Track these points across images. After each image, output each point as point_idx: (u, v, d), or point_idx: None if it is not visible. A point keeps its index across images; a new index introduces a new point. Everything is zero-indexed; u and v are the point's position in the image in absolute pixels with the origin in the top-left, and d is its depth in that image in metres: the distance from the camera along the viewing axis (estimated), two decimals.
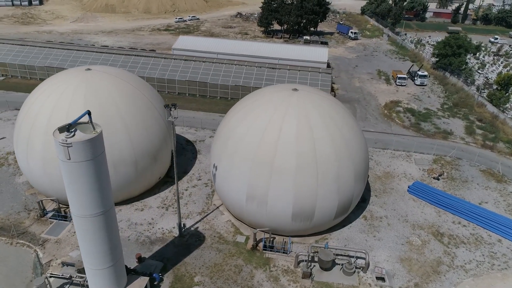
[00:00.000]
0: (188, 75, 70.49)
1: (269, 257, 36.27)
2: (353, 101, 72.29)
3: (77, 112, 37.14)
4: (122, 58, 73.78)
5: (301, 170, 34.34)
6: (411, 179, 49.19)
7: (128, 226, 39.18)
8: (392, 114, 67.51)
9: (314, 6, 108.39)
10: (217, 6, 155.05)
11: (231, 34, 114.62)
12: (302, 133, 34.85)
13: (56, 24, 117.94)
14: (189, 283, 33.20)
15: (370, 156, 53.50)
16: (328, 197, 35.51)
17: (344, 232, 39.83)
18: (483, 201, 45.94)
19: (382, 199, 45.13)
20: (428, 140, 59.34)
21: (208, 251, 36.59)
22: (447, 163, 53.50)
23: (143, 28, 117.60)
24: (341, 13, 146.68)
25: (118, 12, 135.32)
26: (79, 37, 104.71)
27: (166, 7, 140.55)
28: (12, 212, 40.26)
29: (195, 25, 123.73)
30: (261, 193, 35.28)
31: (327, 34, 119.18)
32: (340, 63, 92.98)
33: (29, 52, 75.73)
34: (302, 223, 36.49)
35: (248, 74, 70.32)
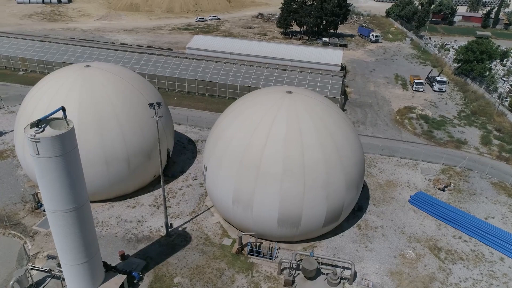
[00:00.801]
0: (198, 74, 70.65)
1: (253, 262, 35.53)
2: (365, 105, 70.31)
3: (72, 108, 37.83)
4: (135, 56, 74.85)
5: (288, 176, 33.42)
6: (414, 189, 47.16)
7: (117, 222, 39.41)
8: (404, 121, 65.16)
9: (334, 7, 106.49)
10: (240, 6, 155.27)
11: (249, 34, 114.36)
12: (291, 137, 33.93)
13: (81, 22, 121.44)
14: (168, 284, 32.95)
15: (374, 163, 51.87)
16: (315, 204, 34.40)
17: (334, 240, 38.54)
18: (490, 216, 43.41)
19: (380, 209, 43.44)
20: (439, 149, 56.81)
21: (192, 252, 36.25)
22: (456, 173, 50.98)
23: (163, 27, 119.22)
24: (365, 15, 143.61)
25: (142, 11, 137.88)
26: (100, 34, 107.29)
27: (188, 7, 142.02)
28: (9, 203, 41.36)
29: (215, 25, 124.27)
30: (247, 196, 34.61)
31: (348, 36, 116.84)
32: (357, 66, 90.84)
33: (48, 48, 78.11)
34: (289, 229, 35.53)
35: (258, 75, 69.70)
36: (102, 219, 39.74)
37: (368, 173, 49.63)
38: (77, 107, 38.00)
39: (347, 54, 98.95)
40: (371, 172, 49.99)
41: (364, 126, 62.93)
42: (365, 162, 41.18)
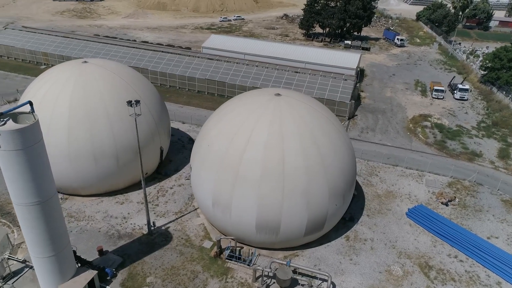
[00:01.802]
0: (209, 74, 70.62)
1: (230, 267, 34.74)
2: (378, 111, 67.74)
3: (63, 103, 38.57)
4: (149, 54, 75.83)
5: (266, 181, 32.41)
6: (414, 202, 44.72)
7: (103, 218, 39.76)
8: (416, 129, 62.15)
9: (358, 9, 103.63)
10: (266, 7, 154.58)
11: (271, 35, 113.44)
12: (272, 142, 32.89)
13: (108, 19, 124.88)
14: (140, 283, 32.78)
15: (376, 172, 49.74)
16: (295, 212, 33.16)
17: (319, 250, 37.05)
18: (493, 236, 40.41)
19: (374, 220, 41.44)
20: (450, 161, 53.70)
21: (170, 253, 35.94)
22: (463, 188, 47.93)
23: (186, 26, 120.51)
24: (394, 18, 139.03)
25: (169, 10, 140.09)
26: (124, 32, 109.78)
27: (214, 7, 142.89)
28: (5, 192, 42.57)
29: (238, 25, 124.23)
30: (225, 200, 33.90)
31: (372, 39, 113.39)
32: (376, 71, 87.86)
33: (68, 43, 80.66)
34: (268, 236, 34.48)
35: (268, 76, 68.77)
36: (89, 214, 40.24)
37: (367, 182, 47.62)
38: (68, 102, 38.70)
39: (368, 58, 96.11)
40: (371, 181, 47.90)
41: (373, 133, 60.55)
42: (356, 171, 39.38)
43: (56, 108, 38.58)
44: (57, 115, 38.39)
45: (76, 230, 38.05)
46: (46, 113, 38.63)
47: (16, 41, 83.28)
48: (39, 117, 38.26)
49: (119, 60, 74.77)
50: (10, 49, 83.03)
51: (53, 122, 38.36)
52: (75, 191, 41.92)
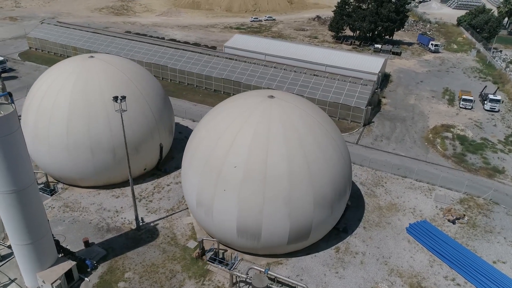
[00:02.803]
0: (225, 73, 70.53)
1: (210, 270, 34.21)
2: (397, 119, 64.70)
3: (64, 95, 39.69)
4: (171, 51, 76.92)
5: (247, 185, 31.56)
6: (418, 217, 42.10)
7: (96, 210, 40.53)
8: (435, 140, 58.67)
9: (390, 12, 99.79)
10: (300, 8, 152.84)
11: (300, 37, 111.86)
12: (256, 145, 31.99)
13: (143, 17, 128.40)
14: (117, 277, 33.01)
15: (383, 182, 47.45)
16: (276, 219, 32.08)
17: (304, 260, 35.66)
18: (500, 260, 37.17)
19: (370, 233, 39.39)
20: (466, 175, 50.17)
21: (153, 250, 35.97)
22: (476, 205, 44.56)
23: (216, 25, 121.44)
24: (432, 22, 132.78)
25: (202, 9, 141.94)
26: (155, 29, 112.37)
27: (247, 6, 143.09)
28: None
29: (268, 25, 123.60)
30: (208, 201, 33.42)
31: (405, 44, 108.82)
32: (403, 77, 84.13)
33: (96, 39, 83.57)
34: (250, 241, 33.60)
35: (284, 78, 67.61)
36: (84, 205, 41.17)
37: (370, 193, 45.46)
38: (69, 95, 39.75)
39: (397, 63, 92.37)
40: (375, 192, 45.67)
41: (388, 141, 57.83)
42: (349, 180, 37.48)
43: (57, 100, 39.78)
44: (58, 107, 39.56)
45: (68, 220, 39.00)
46: (48, 104, 40.17)
47: (50, 35, 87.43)
48: (42, 108, 39.84)
49: (141, 57, 76.64)
50: (44, 43, 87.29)
51: (54, 114, 39.62)
52: (75, 182, 43.05)
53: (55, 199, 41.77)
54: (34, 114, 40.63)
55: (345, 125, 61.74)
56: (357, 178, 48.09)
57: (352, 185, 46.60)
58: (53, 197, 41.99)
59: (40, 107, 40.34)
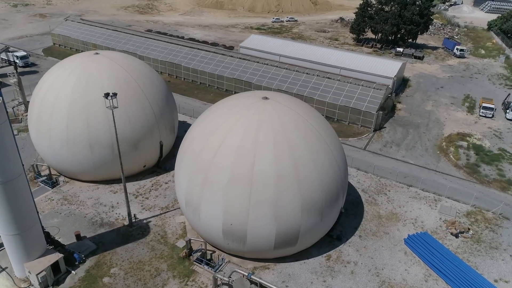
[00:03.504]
0: (237, 73, 70.33)
1: (195, 270, 33.96)
2: (410, 125, 62.48)
3: (65, 91, 40.52)
4: (185, 50, 77.50)
5: (233, 187, 31.11)
6: (419, 228, 40.34)
7: (92, 204, 41.14)
8: (449, 148, 56.21)
9: (414, 15, 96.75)
10: (325, 9, 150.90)
11: (320, 38, 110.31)
12: (244, 148, 31.47)
13: (166, 16, 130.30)
14: (103, 272, 33.30)
15: (386, 190, 45.85)
16: (262, 224, 31.45)
17: (292, 266, 34.81)
18: (503, 279, 35.01)
19: (365, 242, 38.05)
20: (478, 187, 47.75)
21: (141, 247, 36.11)
22: (484, 219, 42.27)
23: (237, 25, 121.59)
24: (461, 26, 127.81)
25: (226, 9, 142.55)
26: (176, 28, 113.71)
27: (270, 7, 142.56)
28: None
29: (289, 26, 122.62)
30: (195, 201, 33.21)
31: (430, 48, 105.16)
32: (423, 82, 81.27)
33: (115, 36, 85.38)
34: (236, 243, 33.13)
35: (295, 80, 66.66)
36: (82, 199, 41.90)
37: (371, 200, 43.99)
38: (71, 91, 40.55)
39: (418, 68, 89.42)
40: (376, 200, 44.16)
41: (397, 148, 55.88)
42: (344, 186, 36.25)
43: (60, 95, 40.68)
44: (60, 101, 40.45)
45: (64, 213, 39.78)
46: (50, 99, 41.17)
47: (72, 32, 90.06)
48: (45, 102, 40.78)
49: (156, 55, 77.66)
50: (67, 39, 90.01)
51: (55, 108, 40.54)
52: (75, 176, 43.91)
53: (55, 191, 42.73)
54: (37, 107, 41.77)
55: (355, 130, 60.19)
56: (359, 185, 46.68)
57: (353, 192, 45.40)
58: (53, 189, 42.98)
59: (43, 101, 41.42)
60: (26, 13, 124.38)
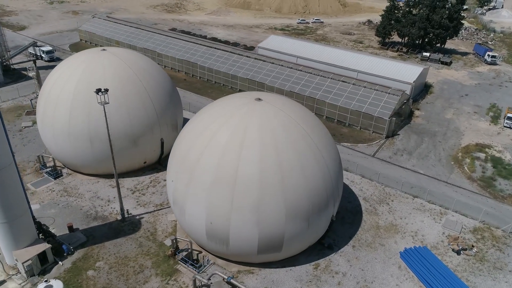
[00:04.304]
0: (251, 74, 69.91)
1: (178, 269, 33.81)
2: (427, 133, 59.78)
3: (69, 86, 41.55)
4: (202, 49, 77.92)
5: (216, 189, 30.69)
6: (418, 242, 38.36)
7: (90, 197, 41.94)
8: (464, 159, 53.27)
9: (443, 19, 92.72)
10: (354, 11, 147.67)
11: (344, 41, 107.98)
12: (230, 149, 30.97)
13: (193, 15, 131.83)
14: (88, 265, 33.77)
15: (389, 200, 44.06)
16: (244, 227, 30.84)
17: (277, 273, 33.95)
18: None
19: (358, 253, 36.57)
20: (490, 202, 44.93)
21: (129, 243, 36.38)
22: (492, 237, 39.64)
23: (262, 25, 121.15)
24: (497, 32, 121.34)
25: (253, 9, 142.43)
26: (200, 27, 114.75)
27: (297, 8, 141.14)
28: (26, 160, 47.68)
29: (314, 28, 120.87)
30: (181, 200, 33.08)
31: (460, 53, 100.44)
32: (447, 88, 77.66)
33: (137, 34, 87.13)
34: (219, 245, 32.70)
35: (308, 82, 65.41)
36: (81, 191, 42.82)
37: (372, 210, 42.33)
38: (74, 86, 41.51)
39: (443, 74, 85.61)
40: (377, 210, 42.43)
41: (409, 156, 53.56)
42: (335, 193, 34.80)
43: (64, 89, 41.78)
44: (63, 96, 41.52)
45: (62, 204, 40.77)
46: (55, 92, 42.41)
47: (98, 29, 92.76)
48: (51, 95, 41.89)
49: (174, 53, 78.57)
50: (92, 36, 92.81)
51: (59, 102, 41.67)
52: (77, 169, 44.99)
53: (57, 183, 43.92)
54: (44, 100, 43.10)
55: (366, 136, 58.28)
56: (361, 193, 45.06)
57: (354, 199, 43.91)
58: (56, 181, 44.19)
59: (49, 94, 42.68)
60: (60, 10, 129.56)
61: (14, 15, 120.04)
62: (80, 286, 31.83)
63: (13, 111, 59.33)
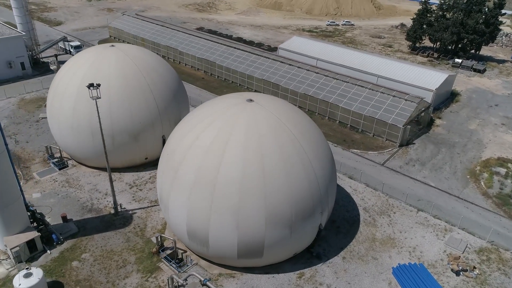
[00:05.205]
0: (267, 75, 69.17)
1: (160, 267, 33.77)
2: (445, 144, 56.61)
3: (75, 79, 42.69)
4: (222, 49, 78.05)
5: (196, 190, 30.29)
6: (415, 259, 36.20)
7: (89, 190, 42.90)
8: (482, 174, 49.90)
9: (478, 24, 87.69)
10: (388, 14, 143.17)
11: (373, 44, 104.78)
12: (213, 150, 30.46)
13: (222, 14, 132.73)
14: (74, 256, 34.43)
15: (390, 212, 42.04)
16: (223, 230, 30.26)
17: (259, 279, 33.10)
18: None
19: (347, 265, 35.01)
20: (503, 222, 41.75)
21: (118, 236, 36.79)
22: (499, 259, 36.74)
23: (290, 26, 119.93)
24: None
25: (283, 10, 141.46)
26: (227, 27, 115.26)
27: (329, 10, 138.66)
28: (37, 150, 49.55)
29: (343, 30, 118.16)
30: (165, 198, 33.02)
31: (496, 61, 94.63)
32: (475, 97, 73.32)
33: (162, 32, 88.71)
34: (200, 246, 32.35)
35: (323, 85, 63.78)
36: (82, 183, 43.89)
37: (370, 221, 40.48)
38: (80, 80, 42.54)
39: (474, 82, 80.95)
40: (376, 221, 40.52)
41: (421, 167, 50.86)
42: (323, 202, 33.31)
43: (70, 83, 42.95)
44: (69, 89, 42.70)
45: (61, 194, 41.95)
46: (63, 85, 43.67)
47: (126, 26, 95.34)
48: (58, 88, 43.24)
49: (195, 52, 79.30)
50: (120, 32, 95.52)
51: (65, 95, 42.91)
52: (80, 161, 46.23)
53: (61, 173, 45.29)
54: (52, 93, 44.60)
55: (378, 143, 55.97)
56: (362, 202, 43.23)
57: (353, 209, 42.25)
58: (60, 171, 45.57)
59: (57, 87, 44.08)
60: (97, 7, 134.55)
61: (53, 11, 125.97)
62: (62, 276, 32.51)
63: (34, 102, 61.98)
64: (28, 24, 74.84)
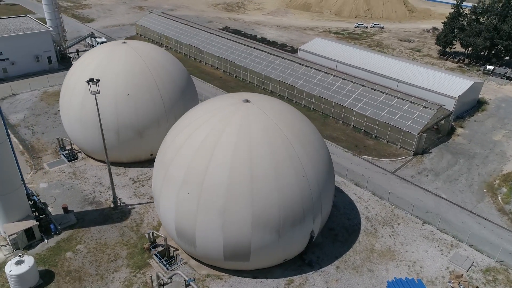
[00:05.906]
0: (283, 76, 68.32)
1: (149, 264, 33.90)
2: (464, 154, 53.76)
3: (86, 74, 43.78)
4: (241, 48, 77.94)
5: (185, 188, 30.13)
6: (413, 274, 34.43)
7: (93, 182, 43.83)
8: (500, 188, 46.92)
9: None
10: (421, 17, 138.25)
11: (400, 48, 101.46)
12: (203, 150, 30.16)
13: (250, 14, 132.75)
14: (70, 247, 35.18)
15: (394, 223, 40.38)
16: (209, 230, 29.92)
17: (247, 283, 32.52)
18: None
19: (339, 275, 33.79)
20: None
21: (113, 230, 37.29)
22: (507, 281, 34.31)
23: (316, 28, 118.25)
24: None
25: (312, 11, 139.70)
26: (253, 27, 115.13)
27: (359, 12, 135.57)
28: (51, 141, 51.21)
29: (371, 33, 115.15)
30: (157, 195, 33.14)
31: None
32: (504, 107, 69.31)
33: (185, 30, 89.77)
34: (188, 246, 32.21)
35: (340, 88, 62.22)
36: (87, 176, 44.92)
37: (371, 231, 38.96)
38: (90, 74, 43.46)
39: (506, 90, 76.60)
40: (377, 231, 38.94)
41: (434, 178, 48.48)
42: (316, 209, 32.20)
43: (80, 78, 43.97)
44: (78, 84, 43.73)
45: (66, 186, 43.09)
46: (73, 80, 44.91)
47: (152, 24, 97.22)
48: (70, 82, 44.50)
49: (215, 51, 79.69)
50: (146, 30, 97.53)
51: (75, 90, 44.07)
52: (88, 154, 47.34)
53: (69, 165, 46.58)
54: (65, 87, 45.96)
55: (392, 151, 53.91)
56: (366, 211, 41.69)
57: (355, 217, 40.85)
58: (69, 163, 46.88)
59: (69, 81, 45.39)
60: (129, 5, 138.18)
61: (87, 8, 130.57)
62: (55, 265, 33.29)
63: (55, 96, 64.20)
64: (56, 20, 77.76)
